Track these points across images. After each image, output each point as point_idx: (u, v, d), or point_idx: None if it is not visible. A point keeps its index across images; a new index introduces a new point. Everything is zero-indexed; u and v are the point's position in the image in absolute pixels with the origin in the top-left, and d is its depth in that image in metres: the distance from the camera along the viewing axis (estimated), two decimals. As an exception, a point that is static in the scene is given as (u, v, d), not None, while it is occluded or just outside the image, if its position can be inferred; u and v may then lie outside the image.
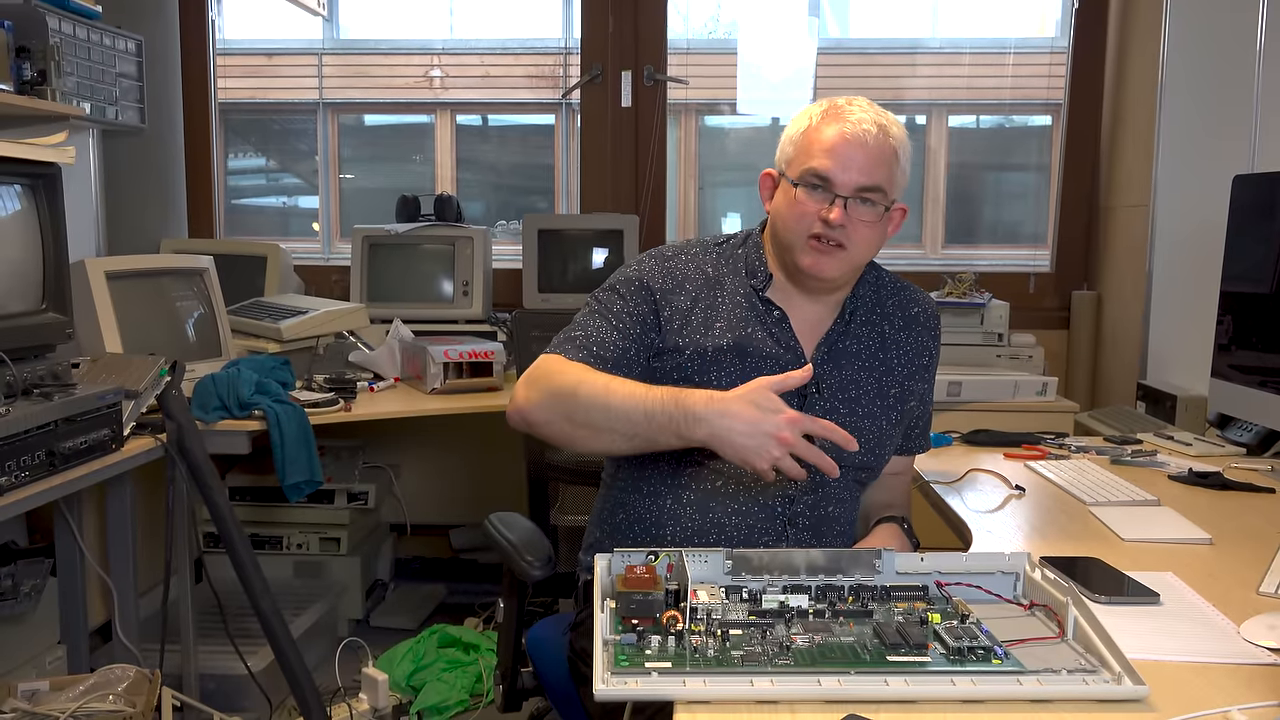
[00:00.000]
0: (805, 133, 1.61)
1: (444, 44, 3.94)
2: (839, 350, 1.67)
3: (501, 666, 1.84)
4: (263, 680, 2.58)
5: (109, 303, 2.51)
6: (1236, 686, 1.11)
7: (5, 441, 1.80)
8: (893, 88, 3.88)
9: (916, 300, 1.76)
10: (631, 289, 1.65)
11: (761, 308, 1.65)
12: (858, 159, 1.56)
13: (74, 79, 2.76)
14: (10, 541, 2.48)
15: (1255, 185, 2.34)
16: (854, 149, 1.56)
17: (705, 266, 1.68)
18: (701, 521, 1.59)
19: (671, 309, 1.64)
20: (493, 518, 1.84)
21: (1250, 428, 2.36)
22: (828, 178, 1.56)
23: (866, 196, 1.57)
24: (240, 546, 2.28)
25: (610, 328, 1.63)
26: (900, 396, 1.70)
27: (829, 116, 1.59)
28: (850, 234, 1.57)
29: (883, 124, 1.59)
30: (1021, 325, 3.38)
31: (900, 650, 1.12)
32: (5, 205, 2.11)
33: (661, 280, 1.66)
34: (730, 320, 1.63)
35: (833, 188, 1.56)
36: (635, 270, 1.68)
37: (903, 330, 1.72)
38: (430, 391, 2.85)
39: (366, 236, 3.47)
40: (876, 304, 1.72)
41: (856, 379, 1.66)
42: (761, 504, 1.60)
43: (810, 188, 1.58)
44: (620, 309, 1.64)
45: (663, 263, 1.68)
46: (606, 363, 1.60)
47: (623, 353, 1.62)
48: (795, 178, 1.59)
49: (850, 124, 1.57)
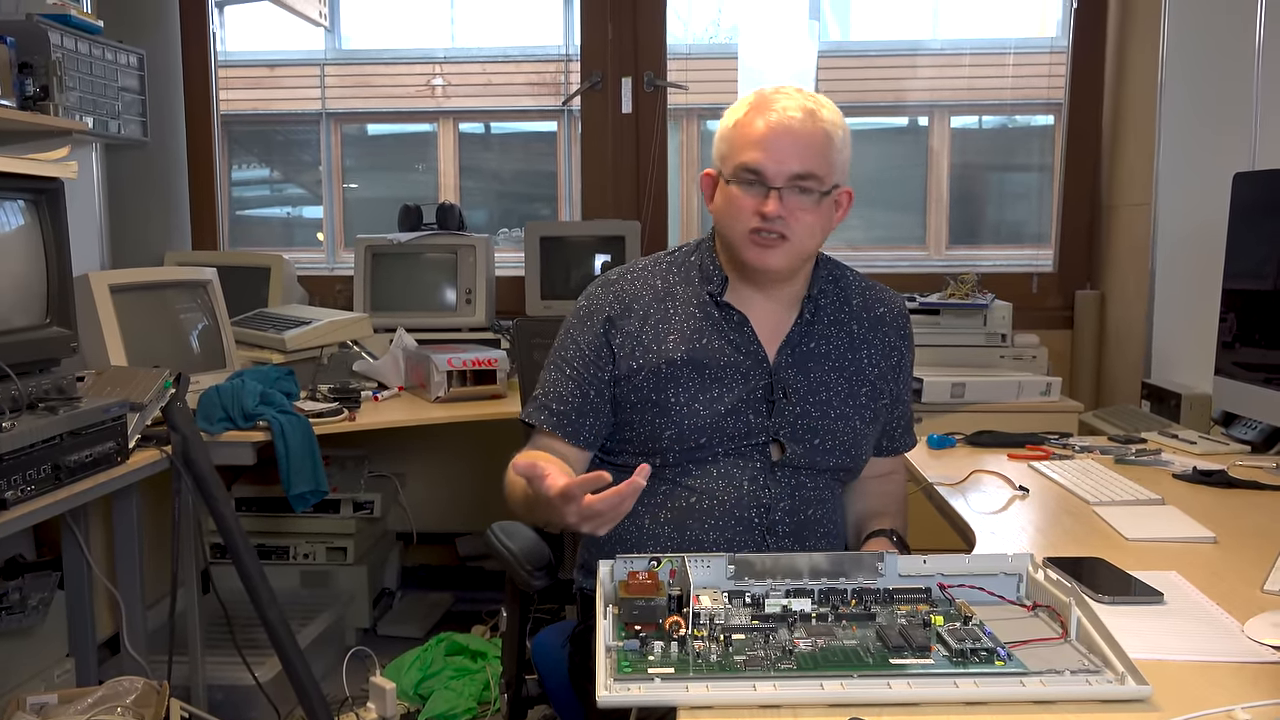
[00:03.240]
0: (735, 127, 1.59)
1: (445, 53, 3.96)
2: (804, 353, 1.64)
3: (506, 675, 1.85)
4: (270, 690, 2.58)
5: (113, 316, 2.52)
6: (1241, 685, 1.11)
7: (11, 456, 1.81)
8: (894, 89, 3.88)
9: (883, 300, 1.74)
10: (583, 328, 1.66)
11: (719, 314, 1.63)
12: (787, 147, 1.53)
13: (76, 94, 2.77)
14: (17, 555, 2.48)
15: (1256, 183, 2.34)
16: (782, 138, 1.54)
17: (654, 280, 1.67)
18: (680, 539, 1.58)
19: (622, 335, 1.63)
20: (495, 527, 1.85)
21: (1255, 425, 2.36)
22: (759, 170, 1.54)
23: (801, 185, 1.55)
24: (247, 557, 2.29)
25: (565, 378, 1.65)
26: (872, 395, 1.68)
27: (755, 108, 1.57)
28: (790, 224, 1.55)
29: (810, 108, 1.56)
30: (1025, 325, 3.37)
31: (903, 653, 1.12)
32: (9, 220, 2.12)
33: (610, 307, 1.65)
34: (683, 332, 1.62)
35: (766, 180, 1.54)
36: (584, 303, 1.69)
37: (870, 330, 1.70)
38: (434, 400, 2.86)
39: (369, 246, 3.47)
40: (843, 304, 1.70)
41: (826, 380, 1.64)
42: (738, 516, 1.59)
43: (745, 184, 1.56)
44: (573, 354, 1.65)
45: (608, 289, 1.67)
46: (569, 415, 1.63)
47: (582, 400, 1.63)
48: (729, 175, 1.58)
49: (776, 113, 1.55)
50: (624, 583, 1.23)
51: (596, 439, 1.66)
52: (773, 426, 1.60)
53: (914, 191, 3.89)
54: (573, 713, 1.71)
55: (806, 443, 1.61)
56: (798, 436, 1.61)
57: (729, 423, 1.58)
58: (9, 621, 2.34)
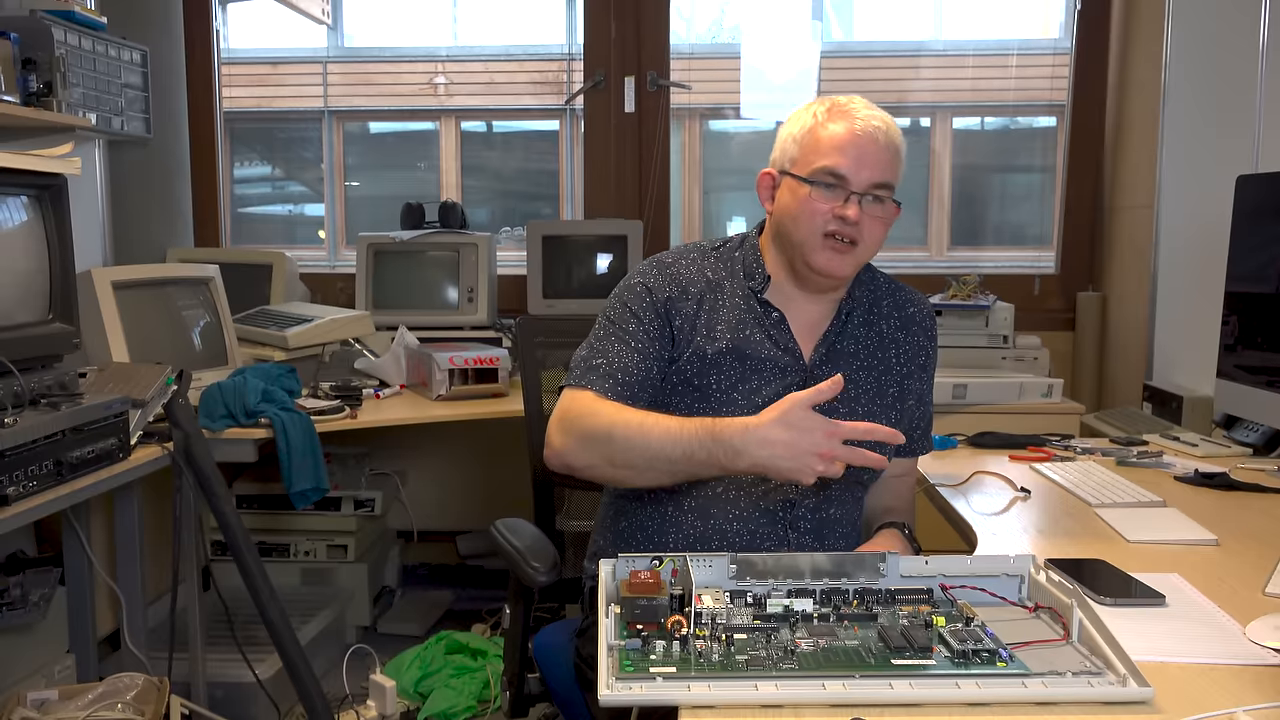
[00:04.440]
0: (811, 130, 1.60)
1: (448, 51, 3.96)
2: (837, 350, 1.67)
3: (508, 672, 1.84)
4: (271, 688, 2.59)
5: (115, 312, 2.52)
6: (1242, 688, 1.11)
7: (13, 451, 1.81)
8: (897, 90, 3.88)
9: (912, 300, 1.76)
10: (642, 304, 1.65)
11: (760, 309, 1.65)
12: (870, 155, 1.56)
13: (80, 90, 2.78)
14: (18, 551, 2.48)
15: (1259, 185, 2.34)
16: (866, 145, 1.56)
17: (705, 270, 1.68)
18: (703, 528, 1.59)
19: (682, 317, 1.64)
20: (498, 524, 1.84)
21: (1256, 428, 2.36)
22: (843, 175, 1.56)
23: (879, 194, 1.58)
24: (248, 554, 2.29)
25: (630, 350, 1.62)
26: (899, 395, 1.70)
27: (835, 114, 1.60)
28: (863, 231, 1.57)
29: (888, 120, 1.60)
30: (1027, 327, 3.37)
31: (905, 654, 1.12)
32: (12, 216, 2.12)
33: (668, 289, 1.65)
34: (730, 323, 1.63)
35: (848, 185, 1.56)
36: (640, 281, 1.67)
37: (900, 330, 1.72)
38: (436, 398, 2.86)
39: (371, 244, 3.48)
40: (873, 304, 1.72)
41: (855, 378, 1.66)
42: (763, 509, 1.60)
43: (825, 186, 1.57)
44: (635, 328, 1.64)
45: (664, 270, 1.68)
46: (632, 387, 1.60)
47: (645, 374, 1.62)
48: (807, 175, 1.59)
49: (860, 120, 1.58)
50: (626, 582, 1.23)
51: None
52: None
53: (916, 192, 3.89)
54: (574, 710, 1.72)
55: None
56: None
57: None
58: (10, 617, 2.34)
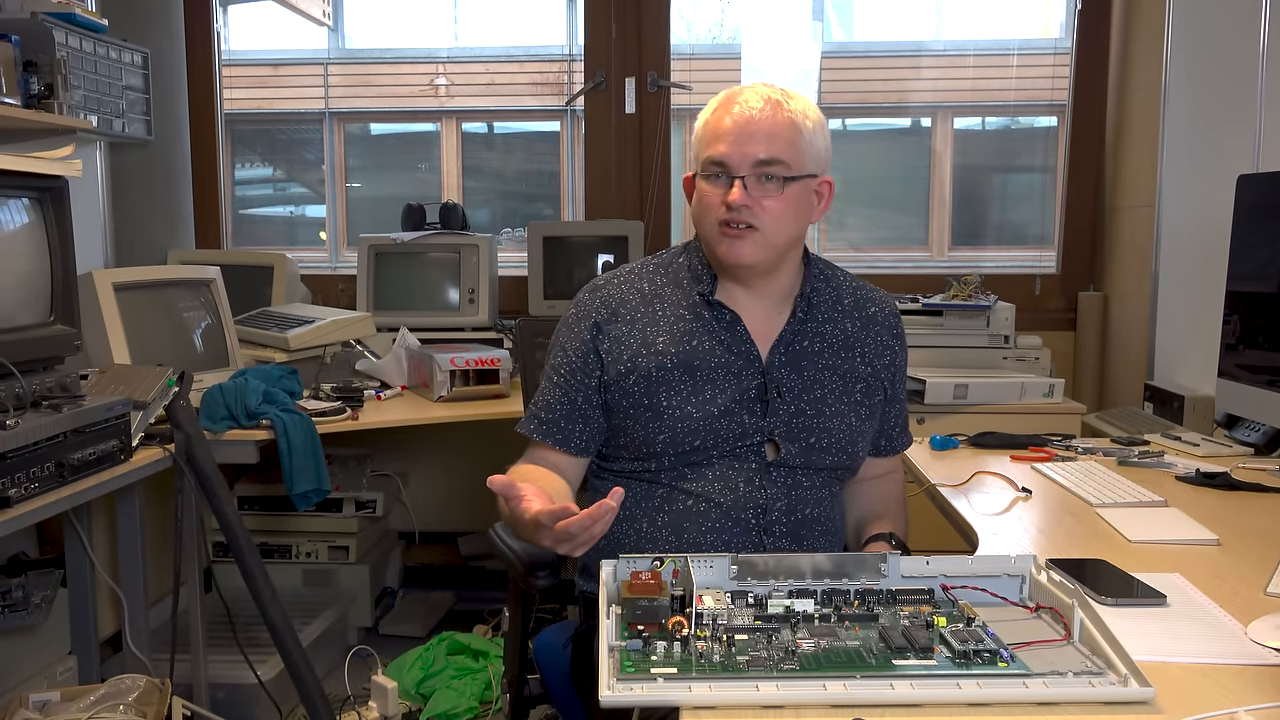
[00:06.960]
0: (704, 126, 1.61)
1: (449, 52, 3.96)
2: (797, 351, 1.64)
3: (508, 675, 1.85)
4: (272, 689, 2.59)
5: (116, 314, 2.52)
6: (1244, 688, 1.11)
7: (15, 453, 1.81)
8: (897, 90, 3.88)
9: (874, 299, 1.75)
10: (571, 334, 1.67)
11: (709, 314, 1.63)
12: (748, 137, 1.55)
13: (81, 92, 2.78)
14: (20, 553, 2.49)
15: (1260, 185, 2.34)
16: (745, 127, 1.55)
17: (640, 284, 1.68)
18: (678, 543, 1.59)
19: (610, 339, 1.63)
20: (498, 526, 1.85)
21: (1258, 428, 2.36)
22: (723, 161, 1.56)
23: (765, 172, 1.55)
24: (249, 556, 2.29)
25: (553, 386, 1.66)
26: (866, 393, 1.68)
27: (721, 104, 1.60)
28: (757, 212, 1.55)
29: (775, 99, 1.57)
30: (1028, 327, 3.37)
31: (906, 654, 1.12)
32: (13, 218, 2.12)
33: (596, 312, 1.66)
34: (673, 334, 1.62)
35: (729, 170, 1.56)
36: (573, 310, 1.69)
37: (862, 329, 1.70)
38: (437, 399, 2.86)
39: (372, 245, 3.48)
40: (835, 302, 1.70)
41: (820, 379, 1.64)
42: (735, 518, 1.59)
43: (711, 177, 1.58)
44: (560, 361, 1.67)
45: (595, 294, 1.68)
46: (558, 423, 1.65)
47: (570, 406, 1.65)
48: (700, 170, 1.60)
49: (739, 104, 1.57)
50: (627, 583, 1.23)
51: (590, 444, 1.66)
52: (767, 426, 1.60)
53: (917, 192, 3.89)
54: (574, 712, 1.72)
55: (802, 441, 1.61)
56: (793, 436, 1.61)
57: (723, 424, 1.58)
58: (12, 619, 2.34)
